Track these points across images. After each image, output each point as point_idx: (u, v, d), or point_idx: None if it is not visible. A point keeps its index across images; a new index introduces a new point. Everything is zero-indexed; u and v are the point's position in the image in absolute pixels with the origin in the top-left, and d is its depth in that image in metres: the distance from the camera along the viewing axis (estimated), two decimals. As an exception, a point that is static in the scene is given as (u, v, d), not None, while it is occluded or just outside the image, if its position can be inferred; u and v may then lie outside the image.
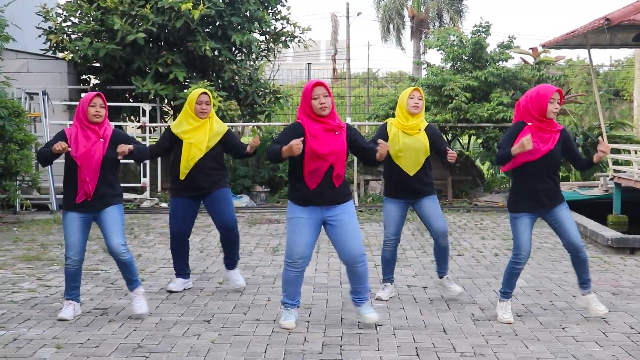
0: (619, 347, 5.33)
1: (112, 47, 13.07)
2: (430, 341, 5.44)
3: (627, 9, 11.20)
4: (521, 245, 5.92)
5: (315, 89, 5.54)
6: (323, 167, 5.54)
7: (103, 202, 5.92)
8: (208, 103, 6.68)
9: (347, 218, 5.64)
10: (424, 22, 39.71)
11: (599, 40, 13.14)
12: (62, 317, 5.93)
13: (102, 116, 5.90)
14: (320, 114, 5.55)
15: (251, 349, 5.24)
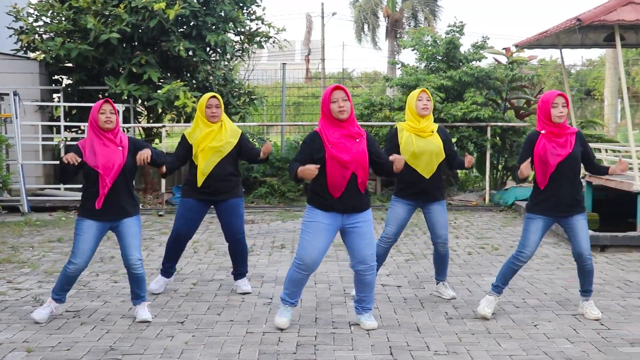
0: (589, 343, 5.39)
1: (84, 47, 12.95)
2: (404, 340, 5.46)
3: (598, 10, 11.29)
4: (526, 245, 5.97)
5: (334, 93, 5.49)
6: (346, 175, 5.49)
7: (123, 211, 5.86)
8: (218, 106, 6.61)
9: (365, 227, 5.61)
10: (398, 22, 39.86)
11: (571, 41, 13.23)
12: (37, 318, 5.87)
13: (114, 122, 5.81)
14: (339, 118, 5.49)
15: (225, 350, 5.22)
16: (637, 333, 5.63)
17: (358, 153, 5.49)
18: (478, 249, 9.22)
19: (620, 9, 11.05)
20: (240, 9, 14.52)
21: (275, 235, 10.40)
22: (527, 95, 15.26)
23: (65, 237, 10.08)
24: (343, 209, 5.56)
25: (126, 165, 5.82)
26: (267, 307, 6.41)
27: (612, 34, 11.52)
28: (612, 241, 9.18)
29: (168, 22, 12.95)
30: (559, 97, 5.88)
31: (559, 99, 5.87)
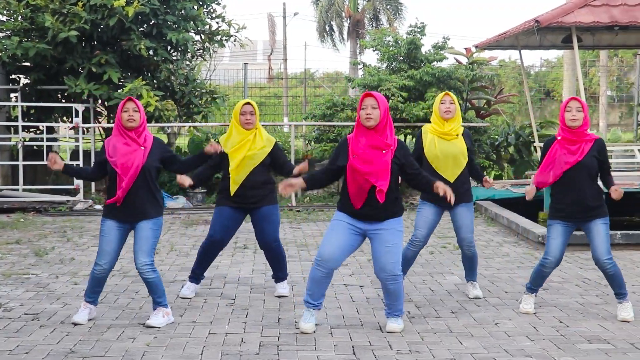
0: (548, 340, 5.46)
1: (42, 46, 12.76)
2: (367, 340, 5.48)
3: (556, 12, 11.46)
4: (550, 251, 6.00)
5: (365, 100, 5.46)
6: (365, 187, 5.44)
7: (142, 212, 5.76)
8: (252, 113, 6.52)
9: (387, 235, 5.54)
10: (360, 23, 39.99)
11: (530, 42, 13.42)
12: (75, 321, 5.81)
13: (137, 120, 5.72)
14: (365, 125, 5.46)
15: (187, 351, 5.19)
16: (595, 330, 5.72)
17: (381, 164, 5.42)
18: (440, 249, 9.28)
19: (577, 11, 11.24)
20: (201, 7, 14.44)
21: (238, 235, 10.35)
22: (487, 95, 15.42)
23: (24, 239, 9.94)
24: (365, 218, 5.54)
25: (146, 165, 5.72)
26: (230, 308, 6.39)
27: (570, 36, 11.72)
28: (571, 240, 9.26)
29: (128, 20, 12.83)
30: (572, 101, 5.88)
31: (572, 102, 5.87)
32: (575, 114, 5.84)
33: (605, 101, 31.51)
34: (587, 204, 5.92)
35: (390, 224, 5.56)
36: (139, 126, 5.77)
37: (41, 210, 12.73)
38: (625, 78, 36.49)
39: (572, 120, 5.85)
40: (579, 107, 5.85)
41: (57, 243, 9.70)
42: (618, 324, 5.90)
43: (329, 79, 39.07)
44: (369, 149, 5.44)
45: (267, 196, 6.63)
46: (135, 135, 5.76)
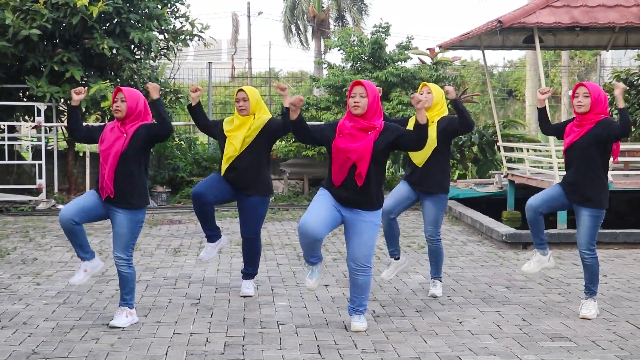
0: (512, 338, 5.51)
1: (3, 44, 12.56)
2: (332, 339, 5.48)
3: (518, 12, 11.57)
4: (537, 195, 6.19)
5: (354, 88, 5.54)
6: (346, 164, 5.49)
7: (123, 199, 5.73)
8: (245, 99, 6.56)
9: (364, 226, 5.58)
10: (324, 22, 40.00)
11: (492, 42, 13.52)
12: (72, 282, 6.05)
13: (123, 110, 5.70)
14: (353, 112, 5.52)
15: (152, 352, 5.16)
16: (558, 328, 5.79)
17: (363, 145, 5.48)
18: (405, 248, 9.32)
19: (539, 12, 11.36)
20: (165, 6, 14.34)
21: (203, 235, 10.30)
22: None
23: (-15, 239, 9.79)
24: (341, 200, 5.58)
25: (126, 152, 5.69)
26: (195, 308, 6.35)
27: (532, 36, 11.83)
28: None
29: (91, 19, 12.69)
30: (580, 87, 5.96)
31: (580, 89, 5.95)
32: (581, 100, 5.92)
33: (567, 101, 31.91)
34: (580, 186, 5.99)
35: (369, 216, 5.61)
36: (128, 116, 5.75)
37: (2, 210, 12.55)
38: (586, 78, 36.98)
39: (578, 107, 5.93)
40: (585, 92, 5.91)
41: (19, 243, 9.57)
42: (580, 321, 5.98)
43: (293, 78, 39.01)
44: (355, 130, 5.52)
45: (259, 185, 6.61)
46: (122, 125, 5.76)
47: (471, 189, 13.45)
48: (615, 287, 7.22)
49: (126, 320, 5.78)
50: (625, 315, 6.19)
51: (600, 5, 11.55)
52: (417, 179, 6.60)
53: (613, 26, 11.70)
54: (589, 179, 5.97)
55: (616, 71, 17.05)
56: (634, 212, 12.92)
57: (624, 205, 13.30)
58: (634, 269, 8.16)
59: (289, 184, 14.70)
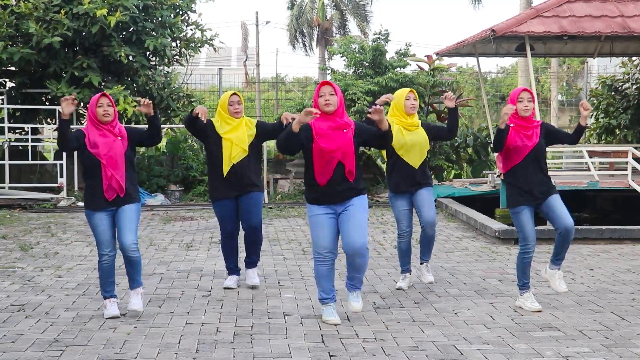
0: (504, 329, 5.51)
1: (27, 51, 12.60)
2: (335, 329, 5.48)
3: (510, 22, 11.56)
4: (527, 237, 5.97)
5: (322, 88, 5.50)
6: (331, 163, 5.45)
7: (127, 198, 5.70)
8: (240, 102, 6.53)
9: (354, 210, 5.52)
10: (328, 30, 39.99)
11: (486, 50, 13.52)
12: (111, 315, 5.70)
13: (111, 115, 5.66)
14: (325, 110, 5.47)
15: (165, 340, 5.16)
16: (547, 319, 5.78)
17: (344, 142, 5.46)
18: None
19: (530, 22, 11.36)
20: (178, 15, 14.35)
21: (214, 231, 10.31)
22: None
23: (10, 234, 9.81)
24: (332, 200, 5.52)
25: (127, 153, 5.71)
26: (206, 300, 6.36)
27: (523, 44, 11.82)
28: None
29: (109, 28, 12.70)
30: (524, 92, 5.94)
31: (524, 94, 5.93)
32: (527, 104, 5.92)
33: (556, 105, 31.87)
34: (543, 184, 5.98)
35: (358, 200, 5.57)
36: (114, 120, 5.73)
37: (26, 207, 12.57)
38: (574, 84, 36.93)
39: (525, 110, 5.91)
40: (529, 97, 5.94)
41: (41, 238, 9.58)
42: (568, 312, 5.97)
43: (299, 83, 39.02)
44: (332, 130, 5.48)
45: (257, 183, 6.62)
46: (111, 128, 5.71)
47: (466, 188, 13.43)
48: (601, 280, 7.20)
49: (141, 302, 5.83)
50: (610, 306, 6.18)
51: (587, 15, 11.54)
52: (414, 179, 6.51)
53: (599, 35, 11.69)
54: (545, 173, 6.03)
55: (602, 77, 17.02)
56: (618, 210, 12.90)
57: (609, 203, 13.30)
58: (618, 263, 8.15)
59: (295, 183, 14.71)
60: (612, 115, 15.70)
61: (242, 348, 5.00)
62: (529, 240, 5.99)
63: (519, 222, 6.01)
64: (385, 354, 4.91)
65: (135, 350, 4.92)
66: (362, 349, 5.01)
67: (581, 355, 4.88)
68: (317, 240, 5.58)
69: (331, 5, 41.05)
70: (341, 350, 4.98)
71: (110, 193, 5.66)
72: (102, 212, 5.71)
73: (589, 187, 11.37)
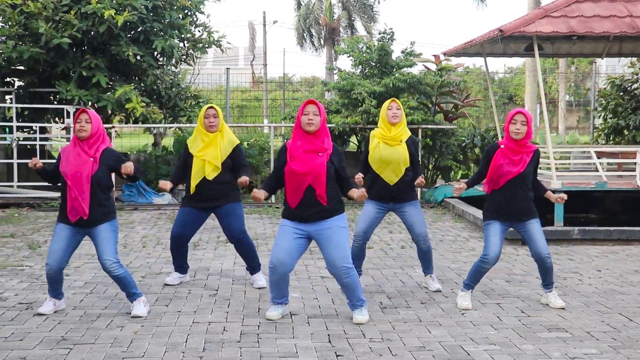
0: (511, 329, 5.50)
1: (36, 51, 12.64)
2: (341, 329, 5.48)
3: (518, 22, 11.53)
4: (489, 248, 5.96)
5: (307, 106, 5.46)
6: (302, 186, 5.43)
7: (94, 220, 5.60)
8: (215, 116, 6.45)
9: (331, 233, 5.49)
10: (336, 30, 40.00)
11: (494, 50, 13.48)
12: (40, 312, 5.72)
13: (87, 131, 5.55)
14: (306, 130, 5.45)
15: (172, 339, 5.17)
16: (554, 320, 5.77)
17: (316, 166, 5.41)
18: (410, 243, 9.30)
19: (538, 22, 11.32)
20: (186, 16, 14.37)
21: (220, 230, 10.32)
22: (454, 100, 15.48)
23: (18, 232, 9.85)
24: (303, 219, 5.51)
25: (96, 175, 5.56)
26: (212, 299, 6.36)
27: (531, 44, 11.78)
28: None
29: (117, 27, 12.73)
30: (518, 115, 5.85)
31: (518, 116, 5.85)
32: (519, 127, 5.83)
33: (564, 106, 31.79)
34: (522, 206, 5.96)
35: (333, 222, 5.53)
36: (91, 137, 5.61)
37: (34, 206, 12.61)
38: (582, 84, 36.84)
39: (516, 134, 5.85)
40: (523, 120, 5.83)
41: (49, 237, 9.61)
42: (575, 313, 5.95)
43: (306, 83, 39.06)
44: (306, 153, 5.44)
45: (228, 195, 6.56)
46: (87, 147, 5.60)
47: (474, 188, 13.37)
48: (609, 282, 7.18)
49: (144, 309, 5.79)
50: (618, 307, 6.16)
51: (595, 15, 11.50)
52: (390, 193, 6.47)
53: (608, 35, 11.63)
54: (528, 196, 6.00)
55: (611, 77, 16.96)
56: (627, 211, 12.85)
57: (617, 204, 13.25)
58: (626, 264, 8.12)
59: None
60: (621, 115, 15.64)
61: (249, 347, 5.01)
62: (489, 252, 5.98)
63: (486, 233, 6.05)
64: (392, 354, 4.91)
65: (142, 349, 4.93)
66: (369, 348, 5.01)
67: (589, 357, 4.87)
68: (274, 251, 5.58)
69: (338, 5, 41.05)
70: (348, 350, 4.98)
71: (73, 214, 5.57)
72: (66, 225, 5.66)
73: (597, 187, 11.33)
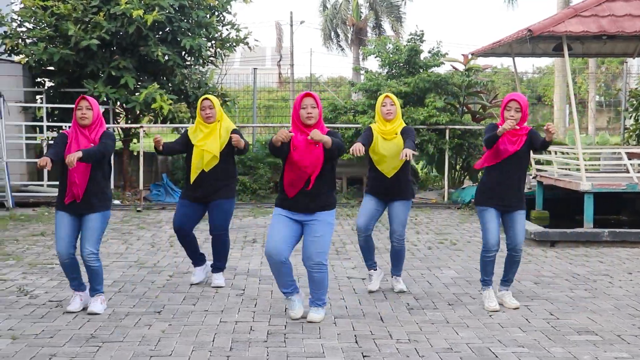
0: (540, 332, 5.45)
1: (66, 52, 12.79)
2: (368, 329, 5.47)
3: (547, 22, 11.42)
4: (488, 235, 6.02)
5: (304, 100, 5.50)
6: (302, 177, 5.50)
7: (90, 206, 5.70)
8: (211, 107, 6.51)
9: (318, 226, 5.56)
10: (363, 30, 39.95)
11: (523, 50, 13.37)
12: (69, 310, 5.80)
13: (89, 118, 5.66)
14: (306, 123, 5.49)
15: (200, 338, 5.20)
16: (584, 322, 5.71)
17: (316, 158, 5.48)
18: (437, 244, 9.27)
19: (568, 21, 11.20)
20: (213, 15, 14.44)
21: (247, 230, 10.38)
22: (482, 100, 15.39)
23: (48, 231, 9.96)
24: (298, 209, 5.58)
25: (96, 163, 5.67)
26: (240, 298, 6.39)
27: (561, 44, 11.67)
28: (561, 237, 9.29)
29: (146, 27, 12.83)
30: (512, 102, 5.91)
31: (512, 103, 5.90)
32: (513, 114, 5.87)
33: (594, 106, 31.45)
34: (517, 194, 5.99)
35: (322, 216, 5.60)
36: (92, 123, 5.72)
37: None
38: (612, 84, 36.42)
39: (510, 120, 5.84)
40: (517, 107, 5.88)
41: (78, 236, 9.70)
42: (606, 316, 5.89)
43: (333, 83, 39.08)
44: (307, 144, 5.47)
45: (223, 189, 6.61)
46: (88, 132, 5.70)
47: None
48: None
49: (101, 306, 5.86)
50: (649, 311, 6.08)
51: (627, 14, 11.35)
52: (385, 189, 6.47)
53: (639, 35, 11.47)
54: (521, 184, 6.03)
55: (642, 78, 16.72)
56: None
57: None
58: (658, 267, 8.01)
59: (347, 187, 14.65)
60: (652, 116, 15.43)
61: (276, 347, 5.02)
62: (490, 239, 6.02)
63: (482, 220, 6.08)
64: (419, 355, 4.89)
65: (169, 348, 4.97)
66: (396, 349, 5.00)
67: (619, 360, 4.81)
68: (269, 240, 5.62)
69: (366, 5, 41.00)
70: (374, 350, 4.97)
71: (68, 197, 5.68)
72: (64, 212, 5.76)
73: (628, 189, 11.18)
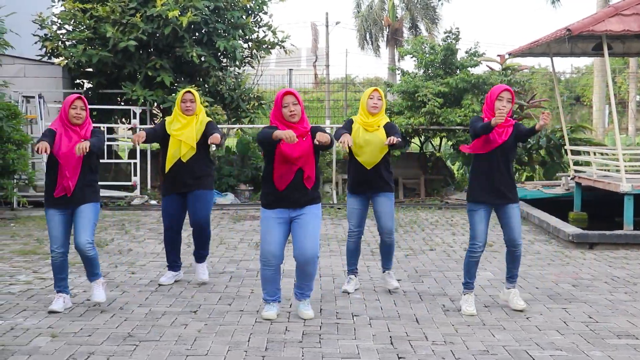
0: (578, 335, 5.38)
1: (104, 54, 12.98)
2: (403, 330, 5.46)
3: (587, 21, 11.27)
4: (476, 236, 5.97)
5: (285, 98, 5.54)
6: (292, 170, 5.54)
7: (81, 199, 5.82)
8: (193, 101, 6.63)
9: (308, 218, 5.61)
10: (398, 31, 39.81)
11: (561, 49, 13.21)
12: (52, 310, 5.87)
13: (83, 118, 5.81)
14: (290, 121, 5.55)
15: (235, 338, 5.23)
16: (624, 326, 5.62)
17: (305, 150, 5.54)
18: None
19: (608, 20, 11.04)
20: (249, 16, 14.52)
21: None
22: (520, 100, 15.24)
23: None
24: (288, 204, 5.60)
25: (86, 156, 5.75)
26: (275, 298, 6.40)
27: (600, 44, 11.51)
28: (600, 239, 9.15)
29: (181, 29, 12.96)
30: (505, 92, 5.84)
31: (505, 93, 5.84)
32: (505, 104, 5.81)
33: (634, 107, 30.95)
34: (510, 185, 5.93)
35: (310, 209, 5.63)
36: (83, 123, 5.82)
37: (101, 205, 12.89)
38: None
39: (502, 110, 5.76)
40: (509, 98, 5.83)
41: (116, 235, 9.84)
42: (645, 320, 5.79)
43: (369, 84, 38.98)
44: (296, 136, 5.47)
45: (201, 179, 6.67)
46: (79, 129, 5.80)
47: (539, 191, 13.16)
48: (682, 288, 6.96)
49: (103, 293, 5.96)
50: (691, 315, 5.96)
51: (669, 13, 11.15)
52: (365, 182, 6.42)
53: (681, 33, 11.26)
54: (511, 178, 5.98)
55: (684, 77, 16.41)
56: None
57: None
58: (700, 270, 7.85)
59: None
60: (694, 116, 15.13)
61: (311, 348, 5.03)
62: (477, 240, 5.96)
63: (471, 220, 6.01)
64: (455, 357, 4.86)
65: (205, 347, 5.00)
66: (432, 351, 4.97)
67: (660, 365, 4.73)
68: (264, 246, 5.64)
69: (402, 5, 40.86)
70: (410, 352, 4.95)
71: (58, 191, 5.77)
72: (54, 210, 5.84)
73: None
